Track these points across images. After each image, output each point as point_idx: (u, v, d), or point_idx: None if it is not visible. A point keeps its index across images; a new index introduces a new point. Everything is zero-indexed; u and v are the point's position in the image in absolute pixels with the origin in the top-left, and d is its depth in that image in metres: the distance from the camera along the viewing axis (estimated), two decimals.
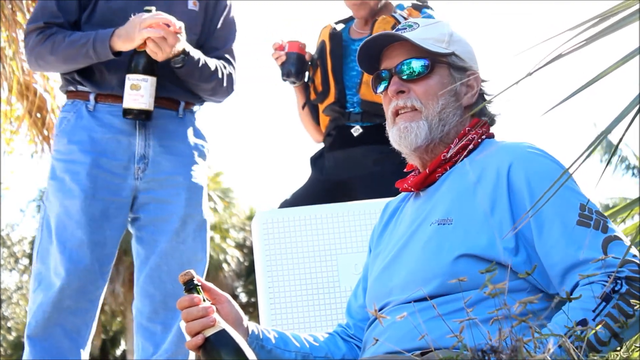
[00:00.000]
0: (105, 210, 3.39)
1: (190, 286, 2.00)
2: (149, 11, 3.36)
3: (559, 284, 1.98)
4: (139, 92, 3.34)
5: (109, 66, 3.43)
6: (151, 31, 3.29)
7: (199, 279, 2.03)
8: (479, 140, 2.21)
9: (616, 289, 1.87)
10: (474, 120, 2.23)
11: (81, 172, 3.38)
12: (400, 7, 3.87)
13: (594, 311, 1.84)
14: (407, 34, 2.23)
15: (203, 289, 2.05)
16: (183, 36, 3.36)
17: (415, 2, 3.86)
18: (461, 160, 2.19)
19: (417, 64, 2.20)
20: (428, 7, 3.81)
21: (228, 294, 2.17)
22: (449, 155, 2.19)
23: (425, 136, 2.19)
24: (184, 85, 3.51)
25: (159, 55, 3.32)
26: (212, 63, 3.52)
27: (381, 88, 2.26)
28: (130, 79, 3.35)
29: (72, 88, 3.50)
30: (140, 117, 3.38)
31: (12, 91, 6.23)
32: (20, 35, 6.02)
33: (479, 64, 2.30)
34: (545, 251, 1.99)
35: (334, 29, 3.92)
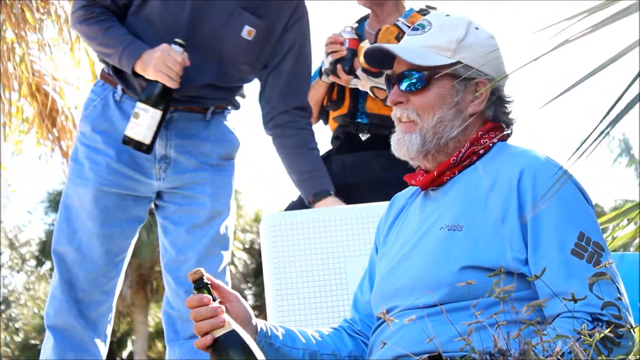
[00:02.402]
0: (121, 203, 3.35)
1: (200, 285, 1.99)
2: (180, 44, 3.24)
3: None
4: (137, 120, 3.25)
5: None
6: (165, 78, 3.23)
7: (209, 277, 2.01)
8: (491, 145, 2.19)
9: (596, 329, 1.87)
10: (488, 125, 2.20)
11: (102, 163, 3.34)
12: (408, 12, 3.85)
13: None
14: (414, 39, 2.21)
15: (212, 287, 2.04)
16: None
17: (423, 7, 3.84)
18: (472, 165, 2.18)
19: (414, 78, 2.18)
20: (434, 8, 3.80)
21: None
22: (458, 158, 2.18)
23: (418, 149, 2.17)
24: (216, 96, 3.45)
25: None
26: None
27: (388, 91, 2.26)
28: (136, 105, 3.27)
29: (106, 69, 3.45)
30: (140, 149, 3.27)
31: (21, 92, 6.23)
32: (30, 35, 6.03)
33: (499, 64, 2.23)
34: (537, 268, 1.99)
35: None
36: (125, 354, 25.99)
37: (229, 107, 3.52)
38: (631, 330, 1.92)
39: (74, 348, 3.32)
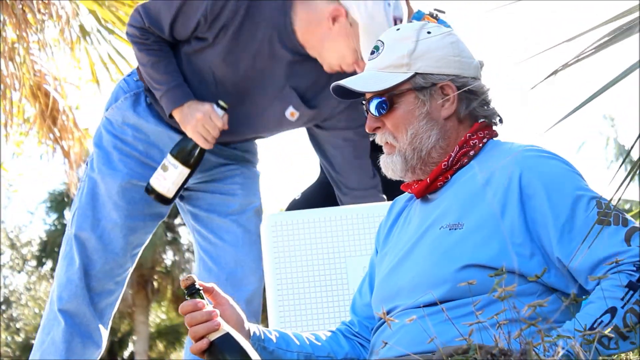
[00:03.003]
0: (147, 197, 3.35)
1: (192, 291, 2.00)
2: (223, 107, 3.25)
3: (586, 281, 1.99)
4: (165, 174, 3.25)
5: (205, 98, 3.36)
6: (201, 140, 3.24)
7: (201, 283, 2.03)
8: (480, 145, 2.20)
9: None
10: (475, 125, 2.22)
11: (131, 155, 3.36)
12: (418, 15, 3.82)
13: (622, 299, 1.87)
14: (370, 64, 2.24)
15: (205, 292, 2.05)
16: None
17: (432, 10, 3.81)
18: (465, 166, 2.19)
19: (378, 103, 2.20)
20: (443, 12, 3.77)
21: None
22: (449, 163, 2.18)
23: (402, 168, 2.20)
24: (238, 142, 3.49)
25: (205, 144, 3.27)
26: None
27: None
28: (166, 157, 3.28)
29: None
30: (160, 201, 3.29)
31: (22, 92, 6.23)
32: (31, 35, 6.03)
33: (460, 59, 2.23)
34: (567, 253, 1.99)
35: None
36: (126, 354, 26.00)
37: None
38: None
39: (82, 334, 3.34)
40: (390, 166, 2.22)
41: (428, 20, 3.70)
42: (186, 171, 3.26)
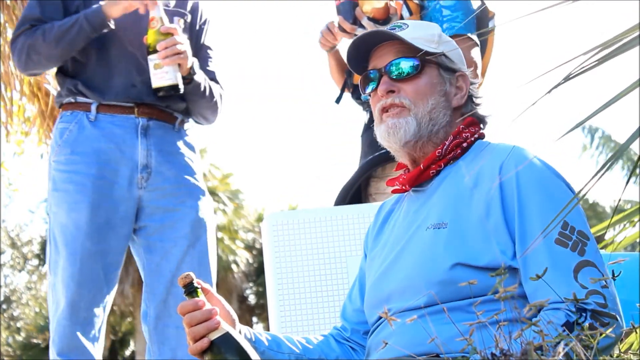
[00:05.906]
0: (110, 220, 3.42)
1: (191, 289, 1.97)
2: None
3: (529, 297, 1.98)
4: (163, 69, 3.37)
5: (115, 71, 3.48)
6: (138, 4, 3.40)
7: (199, 281, 2.00)
8: (472, 140, 2.21)
9: (579, 321, 1.87)
10: (468, 119, 2.23)
11: (87, 184, 3.40)
12: None
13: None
14: (398, 34, 2.22)
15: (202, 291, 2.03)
16: (188, 51, 3.45)
17: None
18: (455, 161, 2.19)
19: (406, 64, 2.20)
20: None
21: (237, 295, 2.16)
22: (443, 151, 2.19)
23: (414, 132, 2.18)
24: (181, 102, 3.57)
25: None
26: (215, 85, 3.62)
27: (370, 89, 2.26)
28: (152, 59, 3.39)
29: (70, 99, 3.52)
30: (171, 93, 3.41)
31: (22, 91, 6.24)
32: None
33: (466, 67, 2.30)
34: (523, 260, 1.98)
35: None
36: (127, 352, 26.01)
37: (188, 122, 3.65)
38: (618, 318, 1.90)
39: None
40: (404, 126, 2.18)
41: None
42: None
